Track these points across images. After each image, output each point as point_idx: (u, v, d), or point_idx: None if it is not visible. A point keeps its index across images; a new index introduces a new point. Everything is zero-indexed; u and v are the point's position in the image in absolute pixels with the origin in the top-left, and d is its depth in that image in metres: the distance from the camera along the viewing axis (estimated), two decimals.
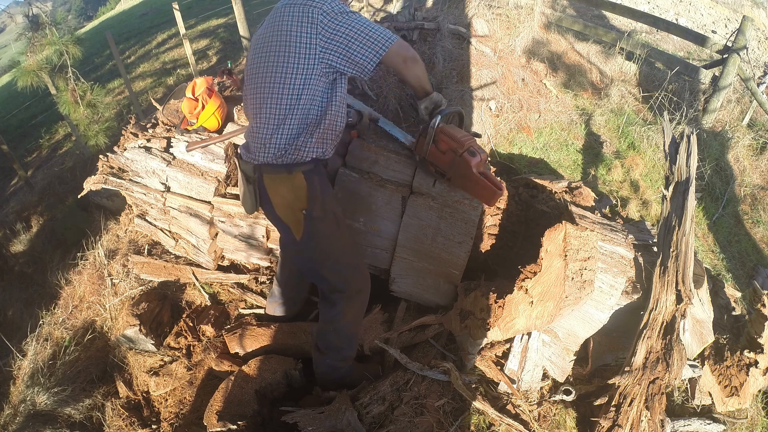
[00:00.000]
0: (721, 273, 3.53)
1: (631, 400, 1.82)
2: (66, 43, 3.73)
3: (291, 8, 1.62)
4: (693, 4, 9.02)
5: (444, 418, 1.87)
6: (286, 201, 1.74)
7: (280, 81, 1.62)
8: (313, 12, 1.58)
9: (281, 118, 1.65)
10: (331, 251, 1.83)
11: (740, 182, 4.41)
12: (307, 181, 1.70)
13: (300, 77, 1.61)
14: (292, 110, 1.64)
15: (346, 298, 1.88)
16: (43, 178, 5.05)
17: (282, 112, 1.64)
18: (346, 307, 1.89)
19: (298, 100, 1.63)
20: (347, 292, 1.88)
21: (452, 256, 2.15)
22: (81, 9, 24.20)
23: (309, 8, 1.59)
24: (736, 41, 4.43)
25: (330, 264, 1.84)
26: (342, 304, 1.88)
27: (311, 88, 1.63)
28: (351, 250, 1.91)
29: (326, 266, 1.85)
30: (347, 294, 1.88)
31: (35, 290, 3.11)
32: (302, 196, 1.71)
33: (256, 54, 1.70)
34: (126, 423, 2.14)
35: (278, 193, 1.73)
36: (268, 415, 1.99)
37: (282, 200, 1.74)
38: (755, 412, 2.21)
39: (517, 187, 2.63)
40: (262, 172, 1.73)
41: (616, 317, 2.05)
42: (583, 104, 4.67)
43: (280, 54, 1.61)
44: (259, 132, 1.70)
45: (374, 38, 1.59)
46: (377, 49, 1.59)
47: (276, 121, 1.65)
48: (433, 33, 4.49)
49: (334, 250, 1.83)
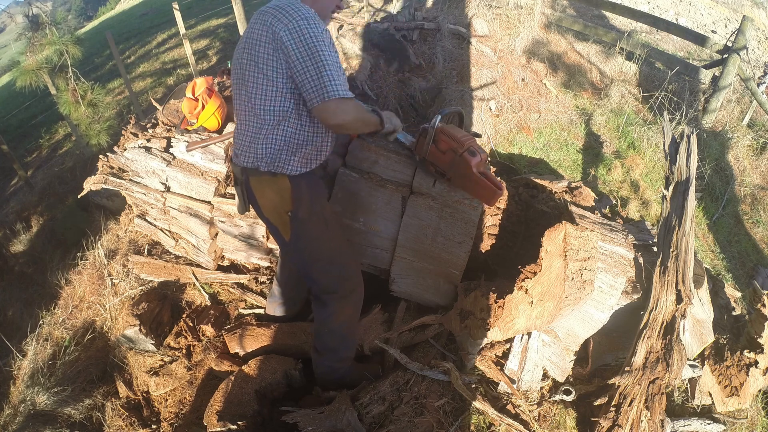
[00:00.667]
0: (721, 273, 3.53)
1: (631, 400, 1.82)
2: (66, 43, 3.72)
3: (263, 16, 1.56)
4: (693, 4, 9.02)
5: (444, 418, 1.87)
6: (272, 203, 1.74)
7: (252, 92, 1.60)
8: (278, 28, 1.50)
9: (257, 127, 1.64)
10: (319, 253, 1.82)
11: (740, 182, 4.41)
12: (291, 184, 1.70)
13: (268, 92, 1.58)
14: (265, 123, 1.62)
15: (338, 299, 1.87)
16: (43, 178, 5.04)
17: (257, 122, 1.63)
18: (338, 307, 1.88)
19: (271, 114, 1.61)
20: (339, 292, 1.87)
21: (452, 256, 2.15)
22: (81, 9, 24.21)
23: (276, 22, 1.51)
24: (736, 41, 4.43)
25: (320, 265, 1.83)
26: (334, 305, 1.88)
27: (281, 105, 1.60)
28: (341, 251, 1.89)
29: (316, 267, 1.84)
30: (339, 295, 1.87)
31: (35, 290, 3.11)
32: (287, 197, 1.70)
33: (236, 60, 1.69)
34: (126, 423, 2.14)
35: (264, 195, 1.73)
36: (268, 415, 1.99)
37: (268, 202, 1.74)
38: (755, 412, 2.21)
39: (517, 187, 2.63)
40: (248, 174, 1.72)
41: (616, 317, 2.05)
42: (583, 104, 4.67)
43: (250, 66, 1.59)
44: (240, 137, 1.72)
45: (322, 83, 1.49)
46: (318, 95, 1.50)
47: (253, 130, 1.65)
48: (433, 33, 4.49)
49: (323, 252, 1.82)
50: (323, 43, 1.51)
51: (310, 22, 1.50)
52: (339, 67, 1.53)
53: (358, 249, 2.27)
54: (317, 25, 1.52)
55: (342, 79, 1.53)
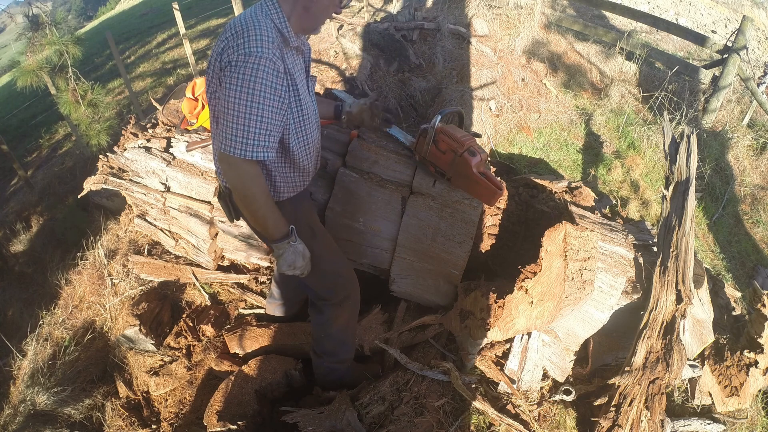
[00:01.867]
0: (721, 273, 3.53)
1: (631, 400, 1.82)
2: (66, 43, 3.73)
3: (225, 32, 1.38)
4: (693, 4, 9.02)
5: (444, 418, 1.87)
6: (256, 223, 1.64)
7: (212, 116, 1.48)
8: (223, 55, 1.33)
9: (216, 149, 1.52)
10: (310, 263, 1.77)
11: (740, 182, 4.41)
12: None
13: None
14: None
15: (334, 305, 1.85)
16: (43, 178, 5.04)
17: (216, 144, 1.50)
18: (334, 313, 1.86)
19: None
20: (333, 299, 1.84)
21: (452, 256, 2.15)
22: (81, 9, 24.19)
23: (227, 48, 1.32)
24: (736, 41, 4.43)
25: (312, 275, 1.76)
26: (329, 311, 1.86)
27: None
28: (332, 260, 1.82)
29: (308, 277, 1.76)
30: (334, 301, 1.85)
31: (35, 290, 3.11)
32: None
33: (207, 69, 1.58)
34: (126, 423, 2.14)
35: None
36: (268, 415, 1.99)
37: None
38: (755, 412, 2.21)
39: (517, 187, 2.63)
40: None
41: (616, 317, 2.05)
42: (583, 104, 4.67)
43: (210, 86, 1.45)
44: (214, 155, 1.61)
45: (231, 132, 1.33)
46: (224, 141, 1.34)
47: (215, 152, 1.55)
48: (433, 33, 4.49)
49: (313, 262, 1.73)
50: (257, 91, 1.31)
51: (259, 61, 1.29)
52: (263, 123, 1.34)
53: (357, 249, 2.27)
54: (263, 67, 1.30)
55: (259, 138, 1.34)
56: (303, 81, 1.55)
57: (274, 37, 1.35)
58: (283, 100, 1.40)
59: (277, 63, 1.34)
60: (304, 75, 1.59)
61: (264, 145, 1.37)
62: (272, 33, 1.35)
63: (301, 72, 1.55)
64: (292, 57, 1.47)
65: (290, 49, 1.45)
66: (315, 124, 1.66)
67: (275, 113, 1.38)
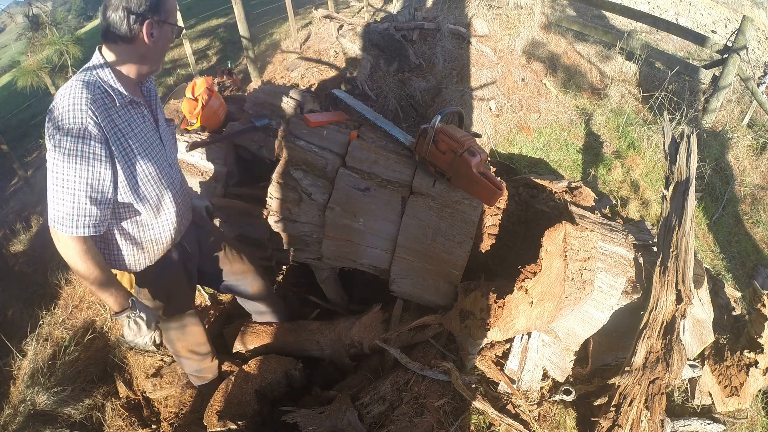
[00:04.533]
0: (721, 273, 3.53)
1: (631, 400, 1.82)
2: (66, 42, 3.73)
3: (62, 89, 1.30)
4: (693, 4, 9.02)
5: (444, 417, 1.87)
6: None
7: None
8: (47, 124, 1.26)
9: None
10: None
11: (740, 182, 4.41)
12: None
13: None
14: None
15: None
16: (43, 178, 5.03)
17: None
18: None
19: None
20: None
21: (452, 256, 2.15)
22: (81, 9, 24.17)
23: (49, 112, 1.26)
24: (736, 41, 4.43)
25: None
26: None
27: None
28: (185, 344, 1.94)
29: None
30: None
31: (35, 290, 3.11)
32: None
33: None
34: (126, 423, 2.14)
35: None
36: (268, 415, 1.99)
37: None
38: (755, 412, 2.21)
39: (517, 187, 2.63)
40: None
41: (616, 317, 2.05)
42: (583, 104, 4.67)
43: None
44: None
45: (51, 205, 1.27)
46: (54, 220, 1.28)
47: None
48: (433, 33, 4.49)
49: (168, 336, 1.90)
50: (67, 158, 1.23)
51: (63, 124, 1.22)
52: (78, 192, 1.25)
53: (357, 249, 2.27)
54: (67, 131, 1.22)
55: (75, 208, 1.26)
56: (145, 135, 1.44)
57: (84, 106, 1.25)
58: (98, 171, 1.29)
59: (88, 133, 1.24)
60: (151, 125, 1.48)
61: (87, 222, 1.29)
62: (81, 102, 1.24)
63: (144, 123, 1.44)
64: (126, 114, 1.37)
65: (124, 105, 1.36)
66: (167, 178, 1.52)
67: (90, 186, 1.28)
